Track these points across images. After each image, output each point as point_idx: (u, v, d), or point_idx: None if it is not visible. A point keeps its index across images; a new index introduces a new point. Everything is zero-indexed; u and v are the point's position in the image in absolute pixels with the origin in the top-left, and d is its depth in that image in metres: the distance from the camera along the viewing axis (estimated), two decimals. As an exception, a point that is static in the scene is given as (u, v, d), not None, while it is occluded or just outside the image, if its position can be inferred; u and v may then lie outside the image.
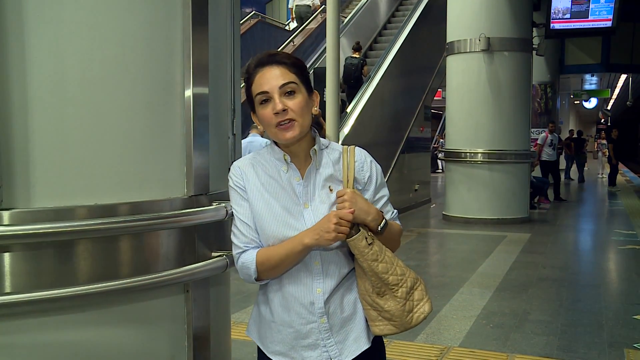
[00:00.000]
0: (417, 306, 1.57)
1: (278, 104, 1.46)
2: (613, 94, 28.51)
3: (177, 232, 1.63)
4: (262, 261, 1.51)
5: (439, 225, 9.35)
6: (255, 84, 1.50)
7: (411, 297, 1.56)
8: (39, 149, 1.40)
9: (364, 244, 1.48)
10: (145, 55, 1.56)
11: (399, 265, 1.55)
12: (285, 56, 1.52)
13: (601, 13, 11.76)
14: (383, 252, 1.52)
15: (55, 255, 1.42)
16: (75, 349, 1.47)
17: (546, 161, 12.80)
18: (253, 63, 1.52)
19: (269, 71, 1.49)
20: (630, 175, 21.03)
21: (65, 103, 1.43)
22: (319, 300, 1.54)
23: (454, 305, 4.81)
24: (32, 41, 1.39)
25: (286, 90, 1.48)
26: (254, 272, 1.52)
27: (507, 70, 9.19)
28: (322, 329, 1.55)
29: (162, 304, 1.63)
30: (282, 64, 1.49)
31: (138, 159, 1.56)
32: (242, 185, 1.55)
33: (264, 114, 1.49)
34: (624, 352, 3.79)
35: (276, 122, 1.47)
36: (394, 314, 1.54)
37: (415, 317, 1.57)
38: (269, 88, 1.47)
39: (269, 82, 1.47)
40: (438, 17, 10.77)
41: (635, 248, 7.32)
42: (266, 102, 1.48)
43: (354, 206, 1.47)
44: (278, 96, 1.47)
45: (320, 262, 1.54)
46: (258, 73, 1.50)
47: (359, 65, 10.04)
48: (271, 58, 1.51)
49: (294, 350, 1.56)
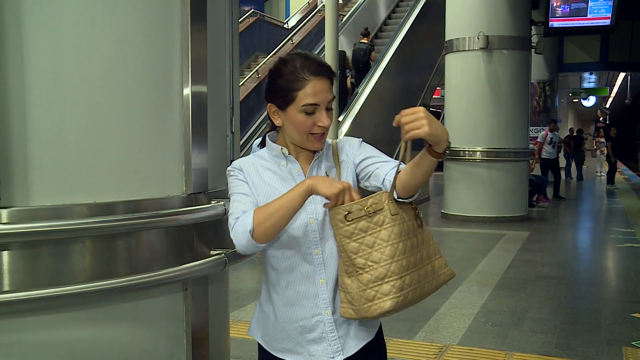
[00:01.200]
0: (379, 299, 1.45)
1: (326, 120, 1.51)
2: (612, 92, 28.53)
3: (175, 230, 1.63)
4: (262, 215, 1.44)
5: (438, 223, 9.35)
6: (306, 91, 1.49)
7: (376, 288, 1.45)
8: (37, 147, 1.40)
9: (341, 217, 1.45)
10: (144, 53, 1.56)
11: (382, 252, 1.46)
12: (330, 69, 1.55)
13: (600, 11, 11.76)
14: (366, 233, 1.46)
15: (53, 254, 1.42)
16: (73, 348, 1.47)
17: (546, 159, 12.84)
18: (308, 68, 1.50)
19: (322, 83, 1.50)
20: (628, 173, 21.04)
21: (64, 101, 1.43)
22: (323, 291, 1.54)
23: (453, 303, 4.81)
24: (30, 39, 1.38)
25: (329, 105, 1.53)
26: (249, 224, 1.43)
27: (506, 69, 9.19)
28: (326, 321, 1.55)
29: (161, 303, 1.63)
30: (329, 79, 1.53)
31: (136, 157, 1.56)
32: (243, 176, 1.56)
33: (304, 122, 1.50)
34: (622, 350, 3.79)
35: (312, 132, 1.52)
36: (354, 297, 1.48)
37: (373, 308, 1.46)
38: (320, 101, 1.50)
39: (320, 95, 1.50)
40: (437, 16, 10.76)
41: (633, 246, 7.33)
42: (311, 113, 1.50)
43: (430, 119, 1.36)
44: (325, 110, 1.51)
45: (321, 251, 1.54)
46: (312, 81, 1.49)
47: (367, 50, 10.40)
48: (325, 70, 1.53)
49: (300, 345, 1.57)
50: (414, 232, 1.54)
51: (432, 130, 1.36)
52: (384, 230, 1.47)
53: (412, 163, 1.47)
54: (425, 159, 1.44)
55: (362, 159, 1.60)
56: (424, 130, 1.35)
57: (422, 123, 1.35)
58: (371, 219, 1.46)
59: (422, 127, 1.35)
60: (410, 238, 1.52)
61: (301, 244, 1.53)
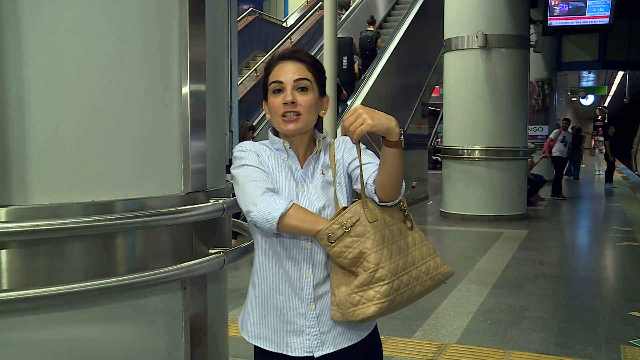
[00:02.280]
0: (362, 304, 1.47)
1: (289, 95, 1.53)
2: (610, 91, 28.54)
3: (174, 229, 1.63)
4: (295, 212, 1.46)
5: (437, 222, 9.36)
6: (273, 74, 1.58)
7: (361, 293, 1.47)
8: (35, 145, 1.40)
9: (325, 242, 1.47)
10: (142, 52, 1.56)
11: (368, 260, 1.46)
12: (306, 55, 1.60)
13: (598, 10, 11.76)
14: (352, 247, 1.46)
15: (51, 252, 1.42)
16: (72, 346, 1.47)
17: (557, 157, 12.99)
18: (276, 55, 1.60)
19: (288, 64, 1.57)
20: (627, 172, 21.06)
21: (62, 100, 1.43)
22: (309, 286, 1.56)
23: (451, 301, 4.82)
24: (28, 38, 1.38)
25: (300, 85, 1.55)
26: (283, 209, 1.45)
27: (505, 67, 9.20)
28: (309, 315, 1.56)
29: (159, 301, 1.63)
30: (302, 61, 1.57)
31: (135, 155, 1.55)
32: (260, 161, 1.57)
33: (273, 102, 1.56)
34: (620, 348, 3.80)
35: (282, 112, 1.54)
36: (340, 301, 1.50)
37: (357, 313, 1.47)
38: (284, 79, 1.55)
39: (285, 74, 1.55)
40: (435, 14, 10.76)
41: (631, 245, 7.34)
42: (278, 92, 1.55)
43: (370, 113, 1.39)
44: (291, 88, 1.54)
45: (310, 246, 1.56)
46: (278, 64, 1.58)
47: (373, 37, 10.78)
48: (293, 54, 1.59)
49: (277, 334, 1.58)
50: (402, 234, 1.55)
51: (375, 122, 1.38)
52: (366, 239, 1.48)
53: (380, 163, 1.49)
54: (385, 152, 1.46)
55: (350, 161, 1.60)
56: (367, 124, 1.38)
57: (362, 118, 1.39)
58: (352, 233, 1.47)
59: (364, 122, 1.37)
60: (396, 242, 1.52)
61: (292, 238, 1.55)
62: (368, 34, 10.87)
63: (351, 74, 10.14)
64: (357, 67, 10.46)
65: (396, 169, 1.46)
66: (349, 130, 1.41)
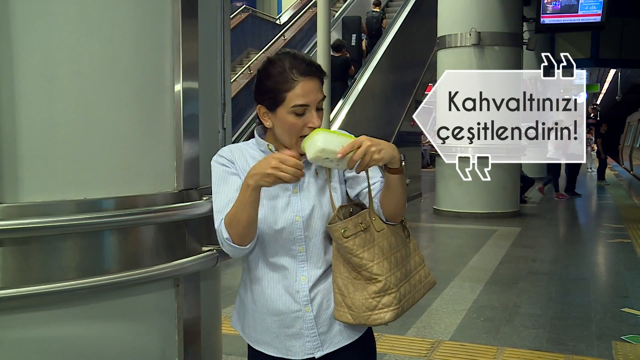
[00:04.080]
0: (380, 310, 1.50)
1: (317, 121, 1.47)
2: (602, 88, 28.65)
3: (167, 226, 1.62)
4: (228, 220, 1.46)
5: (430, 219, 9.38)
6: (296, 92, 1.46)
7: (378, 299, 1.50)
8: (27, 143, 1.39)
9: (338, 234, 1.48)
10: (135, 49, 1.55)
11: (382, 265, 1.51)
12: (320, 69, 1.52)
13: (590, 8, 11.80)
14: (364, 248, 1.49)
15: (44, 250, 1.42)
16: (64, 344, 1.46)
17: None
18: (297, 68, 1.47)
19: (312, 83, 1.47)
20: (619, 169, 21.18)
21: (54, 97, 1.42)
22: (304, 288, 1.54)
23: (445, 299, 4.83)
24: (20, 34, 1.37)
25: (319, 106, 1.49)
26: (225, 233, 1.46)
27: (498, 65, 9.21)
28: (306, 317, 1.55)
29: (152, 299, 1.62)
30: (319, 78, 1.50)
31: (128, 153, 1.55)
32: (235, 169, 1.54)
33: (294, 123, 1.47)
34: (611, 344, 3.82)
35: (301, 134, 1.47)
36: (355, 304, 1.51)
37: (373, 318, 1.50)
38: (310, 102, 1.47)
39: (310, 95, 1.46)
40: (429, 12, 10.78)
41: (623, 242, 7.38)
42: (301, 114, 1.47)
43: (377, 145, 1.39)
44: (315, 111, 1.48)
45: (304, 248, 1.54)
46: (301, 82, 1.46)
47: (379, 17, 11.53)
48: (316, 70, 1.49)
49: (278, 339, 1.57)
50: (403, 243, 1.60)
51: (382, 155, 1.40)
52: (376, 245, 1.52)
53: (384, 189, 1.52)
54: (389, 179, 1.49)
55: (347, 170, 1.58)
56: (374, 159, 1.39)
57: (370, 152, 1.38)
58: (365, 235, 1.50)
59: (372, 157, 1.38)
60: (399, 250, 1.58)
61: (285, 240, 1.53)
62: (374, 14, 11.50)
63: (359, 51, 10.76)
64: (364, 45, 11.03)
65: (400, 192, 1.50)
66: (359, 164, 1.40)
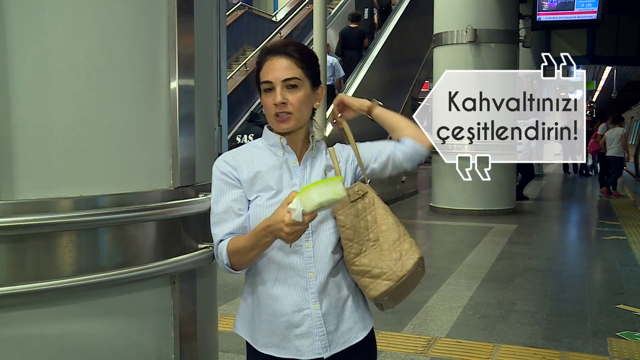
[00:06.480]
0: (405, 254, 1.57)
1: (278, 97, 1.49)
2: (598, 86, 28.71)
3: (163, 223, 1.62)
4: (233, 250, 1.48)
5: (426, 216, 9.39)
6: (263, 72, 1.53)
7: (398, 248, 1.58)
8: (22, 140, 1.39)
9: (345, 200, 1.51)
10: (130, 46, 1.55)
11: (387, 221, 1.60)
12: (296, 49, 1.53)
13: (586, 5, 11.83)
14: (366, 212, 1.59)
15: (39, 248, 1.41)
16: (60, 342, 1.46)
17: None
18: (265, 49, 1.55)
19: (277, 61, 1.51)
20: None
21: (49, 93, 1.42)
22: (312, 284, 1.52)
23: (441, 296, 4.84)
24: (13, 31, 1.37)
25: (289, 84, 1.50)
26: (226, 259, 1.49)
27: (494, 62, 9.22)
28: (314, 315, 1.53)
29: (148, 296, 1.62)
30: (290, 57, 1.51)
31: (123, 150, 1.55)
32: (237, 179, 1.53)
33: (265, 102, 1.53)
34: (607, 340, 3.84)
35: (274, 112, 1.51)
36: (379, 265, 1.55)
37: (407, 263, 1.56)
38: (273, 79, 1.50)
39: (273, 73, 1.50)
40: (425, 9, 10.78)
41: (619, 239, 7.41)
42: (269, 91, 1.51)
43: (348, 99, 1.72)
44: (280, 88, 1.50)
45: (311, 244, 1.53)
46: (267, 60, 1.52)
47: None
48: (282, 48, 1.53)
49: (286, 340, 1.54)
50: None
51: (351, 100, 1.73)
52: (377, 207, 1.61)
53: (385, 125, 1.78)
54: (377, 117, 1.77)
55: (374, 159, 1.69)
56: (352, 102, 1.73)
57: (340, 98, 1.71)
58: (364, 201, 1.60)
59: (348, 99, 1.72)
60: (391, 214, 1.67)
61: None
62: None
63: (372, 24, 11.53)
64: (377, 19, 11.67)
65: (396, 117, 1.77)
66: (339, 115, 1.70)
